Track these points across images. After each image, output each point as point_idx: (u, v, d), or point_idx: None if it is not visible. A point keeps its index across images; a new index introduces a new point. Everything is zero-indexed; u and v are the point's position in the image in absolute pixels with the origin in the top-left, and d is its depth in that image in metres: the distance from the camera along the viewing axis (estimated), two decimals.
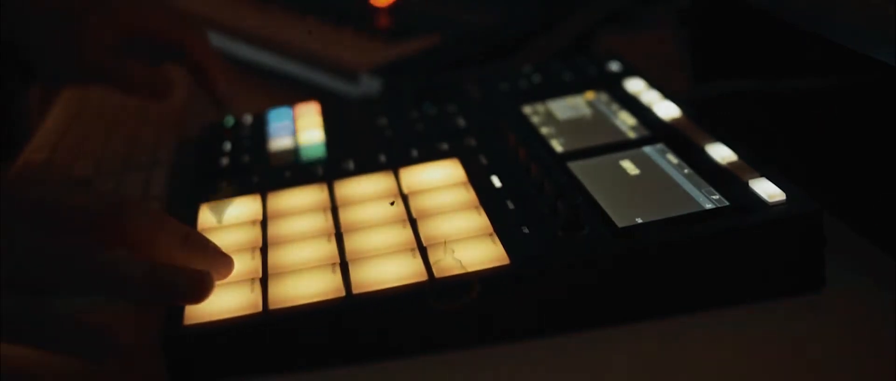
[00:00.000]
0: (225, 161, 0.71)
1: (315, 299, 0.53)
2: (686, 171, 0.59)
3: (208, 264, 0.55)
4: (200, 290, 0.53)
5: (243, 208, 0.63)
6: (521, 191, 0.60)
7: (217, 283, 0.55)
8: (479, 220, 0.58)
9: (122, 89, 0.80)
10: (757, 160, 0.59)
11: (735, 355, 0.52)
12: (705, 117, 0.65)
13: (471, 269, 0.53)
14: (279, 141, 0.73)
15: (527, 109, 0.71)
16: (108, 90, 0.81)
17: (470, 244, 0.55)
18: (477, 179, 0.62)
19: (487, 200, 0.60)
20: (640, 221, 0.54)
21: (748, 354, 0.52)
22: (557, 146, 0.65)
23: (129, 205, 0.53)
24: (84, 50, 0.76)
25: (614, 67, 0.77)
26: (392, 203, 0.55)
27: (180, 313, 0.53)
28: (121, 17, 0.77)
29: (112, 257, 0.51)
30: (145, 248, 0.53)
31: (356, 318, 0.53)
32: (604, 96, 0.71)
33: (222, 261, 0.55)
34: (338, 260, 0.56)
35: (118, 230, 0.52)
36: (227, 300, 0.54)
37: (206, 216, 0.63)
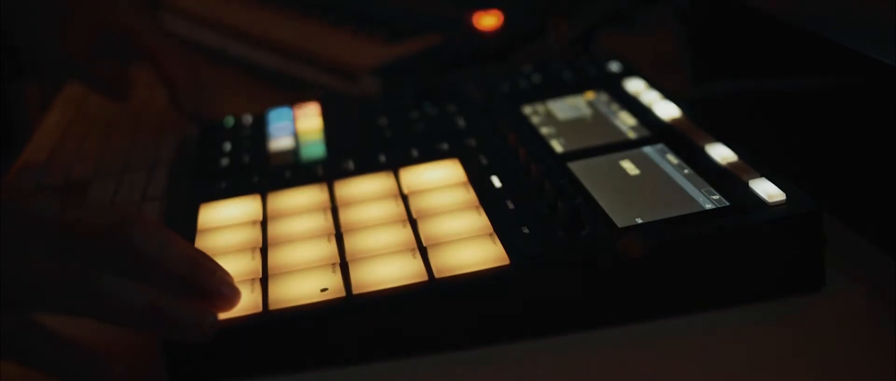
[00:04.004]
0: (225, 161, 0.71)
1: (315, 300, 0.53)
2: (686, 171, 0.59)
3: (213, 293, 0.52)
4: (202, 332, 0.51)
5: (243, 207, 0.63)
6: (521, 191, 0.60)
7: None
8: (479, 220, 0.58)
9: (88, 84, 0.81)
10: (757, 160, 0.59)
11: (735, 355, 0.52)
12: (705, 117, 0.65)
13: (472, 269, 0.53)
14: (279, 141, 0.73)
15: (527, 109, 0.71)
16: (77, 84, 0.82)
17: (470, 244, 0.55)
18: (477, 179, 0.62)
19: (487, 200, 0.60)
20: (640, 221, 0.54)
21: (748, 354, 0.52)
22: (557, 146, 0.65)
23: (136, 223, 0.50)
24: (66, 39, 0.76)
25: (614, 67, 0.77)
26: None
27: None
28: (102, 13, 0.77)
29: (114, 285, 0.49)
30: (151, 268, 0.50)
31: (356, 318, 0.53)
32: (604, 96, 0.71)
33: (228, 292, 0.53)
34: (338, 260, 0.56)
35: (124, 249, 0.50)
36: None
37: (205, 216, 0.63)
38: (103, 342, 0.52)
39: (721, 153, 0.60)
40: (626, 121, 0.67)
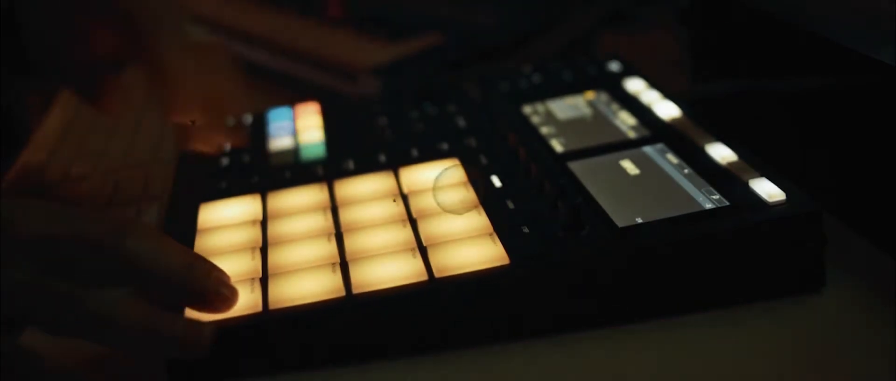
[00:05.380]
0: (225, 161, 0.71)
1: (315, 299, 0.53)
2: (686, 171, 0.59)
3: (210, 294, 0.52)
4: (199, 347, 0.50)
5: (243, 207, 0.63)
6: (521, 191, 0.60)
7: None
8: (479, 220, 0.58)
9: (84, 97, 0.80)
10: (757, 160, 0.59)
11: (735, 355, 0.52)
12: (705, 117, 0.65)
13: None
14: (279, 141, 0.73)
15: (527, 109, 0.71)
16: (74, 94, 0.81)
17: (470, 244, 0.55)
18: (477, 179, 0.62)
19: (487, 200, 0.60)
20: (640, 221, 0.54)
21: (748, 354, 0.52)
22: (557, 146, 0.65)
23: (130, 230, 0.50)
24: (72, 46, 0.76)
25: (614, 67, 0.77)
26: (394, 200, 0.55)
27: (180, 313, 0.53)
28: (104, 13, 0.77)
29: (107, 305, 0.48)
30: (147, 275, 0.50)
31: (356, 318, 0.53)
32: (604, 96, 0.71)
33: (226, 292, 0.53)
34: (338, 260, 0.56)
35: (119, 259, 0.49)
36: None
37: (205, 216, 0.63)
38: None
39: (721, 153, 0.60)
40: (626, 121, 0.67)
